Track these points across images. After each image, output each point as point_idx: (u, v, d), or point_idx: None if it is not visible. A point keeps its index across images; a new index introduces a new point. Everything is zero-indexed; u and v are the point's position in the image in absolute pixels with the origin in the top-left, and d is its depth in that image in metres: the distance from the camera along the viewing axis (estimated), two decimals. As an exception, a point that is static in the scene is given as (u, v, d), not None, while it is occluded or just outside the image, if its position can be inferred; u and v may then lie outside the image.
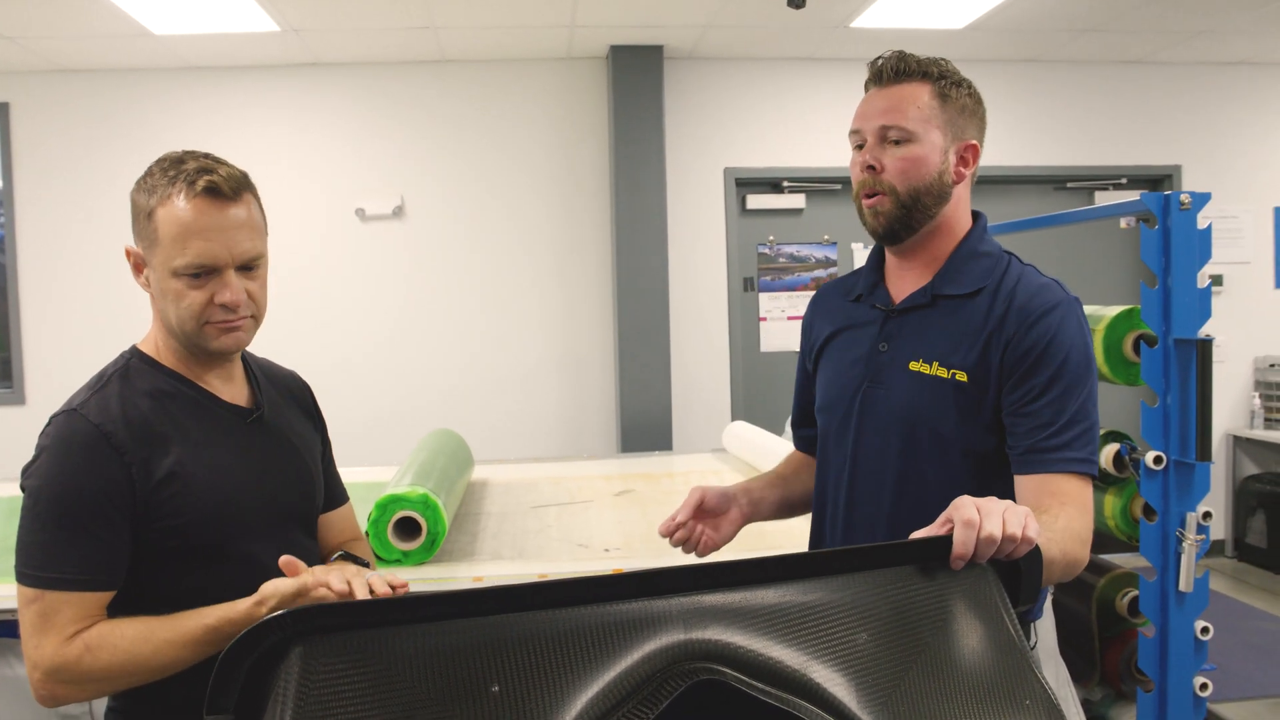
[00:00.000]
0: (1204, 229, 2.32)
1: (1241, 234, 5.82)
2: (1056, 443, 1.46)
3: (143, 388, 1.44)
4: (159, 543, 1.39)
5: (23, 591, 1.34)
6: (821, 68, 5.45)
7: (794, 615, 0.95)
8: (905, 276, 1.66)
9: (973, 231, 1.66)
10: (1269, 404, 5.71)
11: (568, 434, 5.46)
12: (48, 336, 5.18)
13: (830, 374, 1.71)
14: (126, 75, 5.17)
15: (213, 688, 0.87)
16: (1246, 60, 5.72)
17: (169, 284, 1.40)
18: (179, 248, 1.38)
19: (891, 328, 1.63)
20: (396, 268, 5.34)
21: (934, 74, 1.58)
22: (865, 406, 1.62)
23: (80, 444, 1.36)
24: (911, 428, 1.56)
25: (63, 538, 1.33)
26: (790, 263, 5.61)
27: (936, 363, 1.55)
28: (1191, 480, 2.32)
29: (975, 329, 1.55)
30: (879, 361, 1.62)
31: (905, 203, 1.57)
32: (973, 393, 1.52)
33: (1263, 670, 4.10)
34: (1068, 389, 1.48)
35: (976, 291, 1.58)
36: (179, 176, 1.39)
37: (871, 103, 1.60)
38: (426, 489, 2.53)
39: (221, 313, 1.42)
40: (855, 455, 1.63)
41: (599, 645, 0.88)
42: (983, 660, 0.99)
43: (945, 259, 1.63)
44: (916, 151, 1.56)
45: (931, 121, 1.56)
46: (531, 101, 5.38)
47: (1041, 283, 1.59)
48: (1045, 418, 1.47)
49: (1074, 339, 1.52)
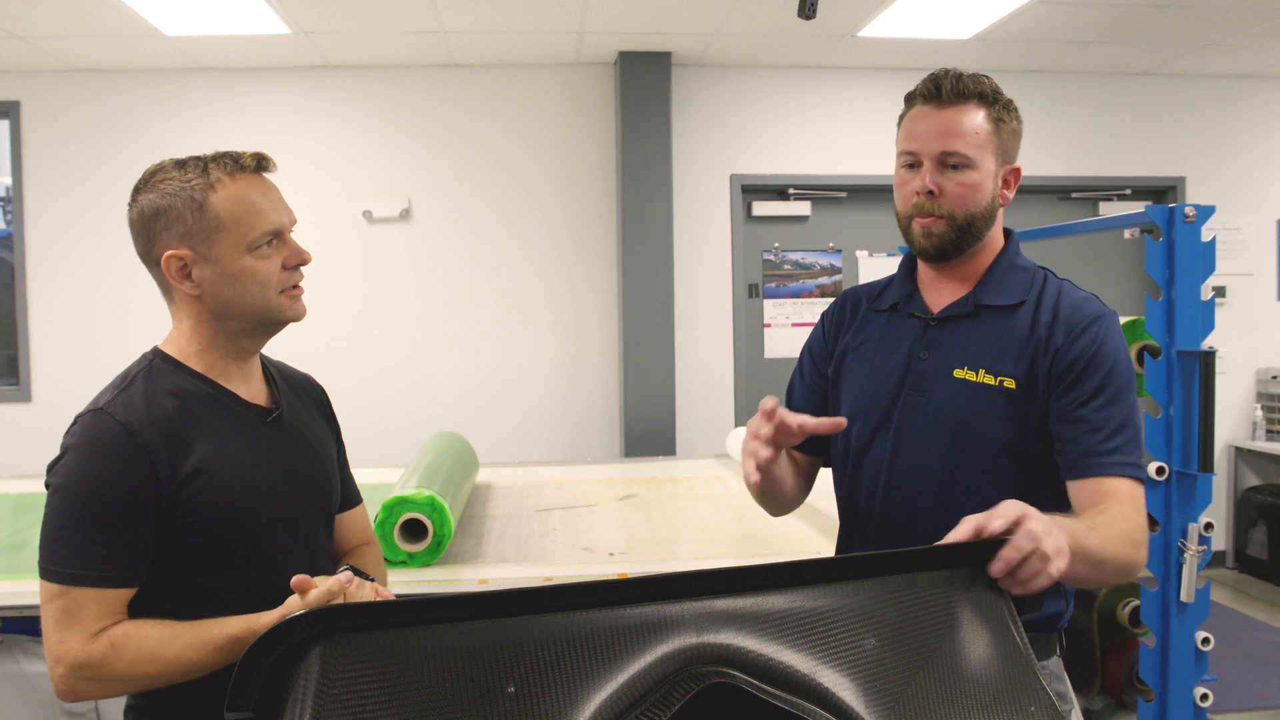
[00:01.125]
0: (1208, 241, 2.34)
1: (1245, 246, 5.84)
2: (1108, 447, 1.50)
3: (166, 387, 1.46)
4: (180, 540, 1.41)
5: (46, 588, 1.35)
6: (828, 76, 5.47)
7: (804, 620, 0.96)
8: (943, 288, 1.68)
9: (1009, 246, 1.69)
10: (1271, 415, 5.72)
11: (571, 438, 5.48)
12: (55, 334, 5.20)
13: (861, 382, 1.71)
14: (137, 75, 5.19)
15: (234, 686, 0.89)
16: (1252, 73, 5.74)
17: (241, 264, 1.45)
18: (250, 222, 1.44)
19: (933, 336, 1.65)
20: (403, 270, 5.36)
21: (989, 97, 1.61)
22: (905, 413, 1.63)
23: (107, 443, 1.37)
24: (958, 433, 1.57)
25: (88, 535, 1.35)
26: (795, 269, 5.63)
27: (983, 370, 1.58)
28: (1193, 491, 2.33)
29: (1021, 338, 1.58)
30: (919, 369, 1.63)
31: (961, 227, 1.59)
32: (1020, 399, 1.55)
33: (1263, 681, 4.11)
34: (1116, 395, 1.53)
35: (1020, 303, 1.61)
36: (216, 165, 1.45)
37: (928, 123, 1.60)
38: (433, 491, 2.55)
39: (292, 275, 1.51)
40: (894, 461, 1.63)
41: (613, 648, 0.90)
42: (989, 667, 1.01)
43: (983, 271, 1.66)
44: (974, 178, 1.58)
45: (987, 147, 1.60)
46: (539, 106, 5.40)
47: (1083, 295, 1.63)
48: (1095, 422, 1.51)
49: (1119, 349, 1.57)
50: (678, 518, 3.08)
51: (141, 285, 1.49)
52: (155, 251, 1.45)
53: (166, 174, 1.45)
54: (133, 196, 1.47)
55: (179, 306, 1.50)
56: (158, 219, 1.44)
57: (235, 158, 1.46)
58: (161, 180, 1.44)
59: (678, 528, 2.95)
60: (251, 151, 1.48)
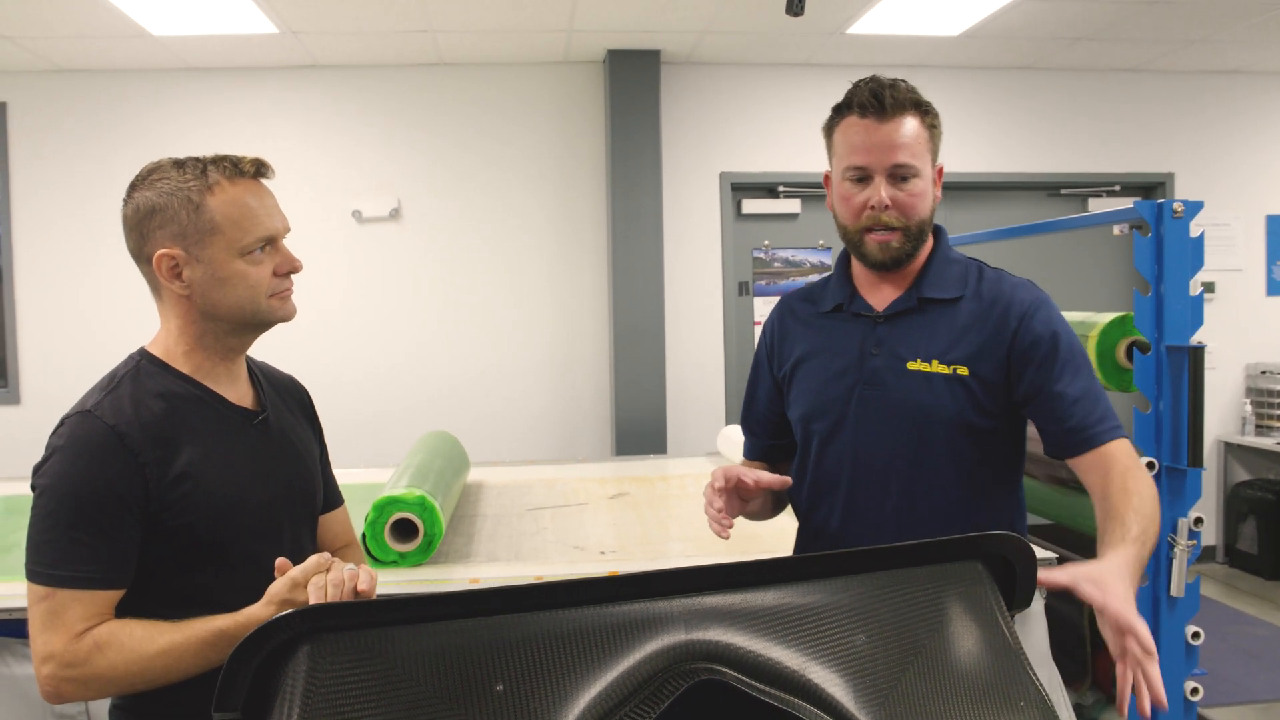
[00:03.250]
0: (1196, 237, 2.34)
1: (1234, 241, 5.86)
2: (1094, 418, 1.62)
3: (154, 389, 1.46)
4: (167, 542, 1.41)
5: (33, 589, 1.35)
6: (818, 74, 5.47)
7: (793, 617, 0.96)
8: (882, 287, 1.76)
9: (941, 242, 1.78)
10: (1260, 410, 5.74)
11: (562, 437, 5.47)
12: (43, 336, 5.17)
13: (814, 383, 1.78)
14: (125, 76, 5.17)
15: (221, 685, 0.89)
16: (1240, 69, 5.76)
17: (232, 267, 1.45)
18: (244, 228, 1.45)
19: (881, 333, 1.73)
20: (393, 270, 5.35)
21: (921, 105, 1.68)
22: (862, 408, 1.71)
23: (95, 444, 1.37)
24: (919, 421, 1.67)
25: (74, 536, 1.35)
26: (785, 267, 5.63)
27: (936, 360, 1.67)
28: (1183, 486, 2.34)
29: (968, 327, 1.68)
30: (872, 365, 1.71)
31: (915, 236, 1.68)
32: (974, 384, 1.66)
33: (1252, 675, 4.12)
34: (1079, 367, 1.65)
35: (960, 296, 1.71)
36: (215, 168, 1.45)
37: (874, 136, 1.64)
38: (424, 491, 2.54)
39: (282, 282, 1.52)
40: (856, 453, 1.72)
41: (602, 645, 0.90)
42: (978, 662, 1.01)
43: (919, 268, 1.74)
44: (921, 186, 1.66)
45: (927, 153, 1.67)
46: (528, 105, 5.39)
47: (1020, 281, 1.74)
48: (1072, 395, 1.62)
49: (1067, 327, 1.69)
50: (669, 516, 3.08)
51: (131, 286, 1.49)
52: (147, 249, 1.45)
53: (164, 173, 1.45)
54: (128, 193, 1.47)
55: (167, 306, 1.50)
56: (152, 217, 1.44)
57: (235, 162, 1.47)
58: (159, 179, 1.45)
59: (669, 526, 2.95)
60: (251, 157, 1.49)
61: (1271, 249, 5.89)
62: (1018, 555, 1.11)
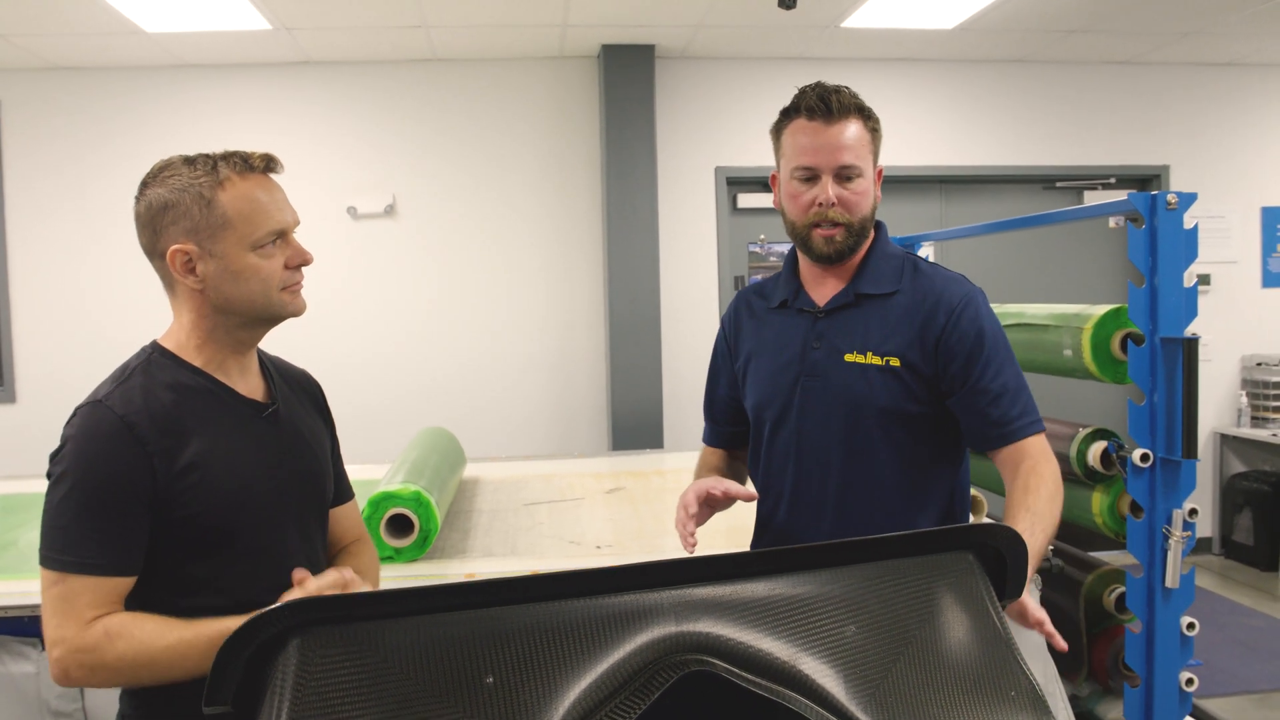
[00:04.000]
0: (1190, 229, 2.34)
1: (1229, 233, 5.86)
2: (1013, 414, 1.73)
3: (164, 380, 1.49)
4: (176, 531, 1.43)
5: (45, 575, 1.39)
6: (812, 67, 5.46)
7: (783, 608, 0.96)
8: (825, 282, 1.86)
9: (879, 238, 1.87)
10: (1255, 402, 5.74)
11: (558, 432, 5.47)
12: (39, 334, 5.17)
13: (764, 374, 1.89)
14: (118, 73, 5.16)
15: (211, 680, 0.89)
16: (1234, 61, 5.76)
17: (245, 261, 1.48)
18: (255, 222, 1.47)
19: (822, 327, 1.83)
20: (388, 266, 5.35)
21: (864, 109, 1.79)
22: (805, 398, 1.82)
23: (105, 434, 1.40)
24: (855, 410, 1.77)
25: (84, 523, 1.38)
26: (780, 261, 5.62)
27: (870, 352, 1.78)
28: (1178, 478, 2.34)
29: (901, 321, 1.78)
30: (813, 358, 1.82)
31: (857, 231, 1.78)
32: (905, 374, 1.76)
33: (1248, 666, 4.13)
34: (1003, 363, 1.75)
35: (895, 291, 1.81)
36: (225, 163, 1.48)
37: (820, 137, 1.75)
38: (419, 486, 2.54)
39: (293, 275, 1.54)
40: (800, 440, 1.83)
41: (592, 637, 0.90)
42: (969, 652, 1.01)
43: (858, 264, 1.84)
44: (864, 185, 1.77)
45: (869, 154, 1.78)
46: (523, 101, 5.38)
47: (952, 275, 1.84)
48: (994, 391, 1.73)
49: (995, 322, 1.79)
50: (665, 510, 3.08)
51: (126, 282, 1.51)
52: (160, 245, 1.47)
53: (175, 170, 1.47)
54: (140, 190, 1.49)
55: (180, 300, 1.53)
56: (165, 213, 1.46)
57: (245, 157, 1.49)
58: (170, 175, 1.47)
59: (665, 520, 2.95)
60: (260, 152, 1.52)
61: (1266, 241, 5.90)
62: (1009, 546, 1.11)
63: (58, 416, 1.47)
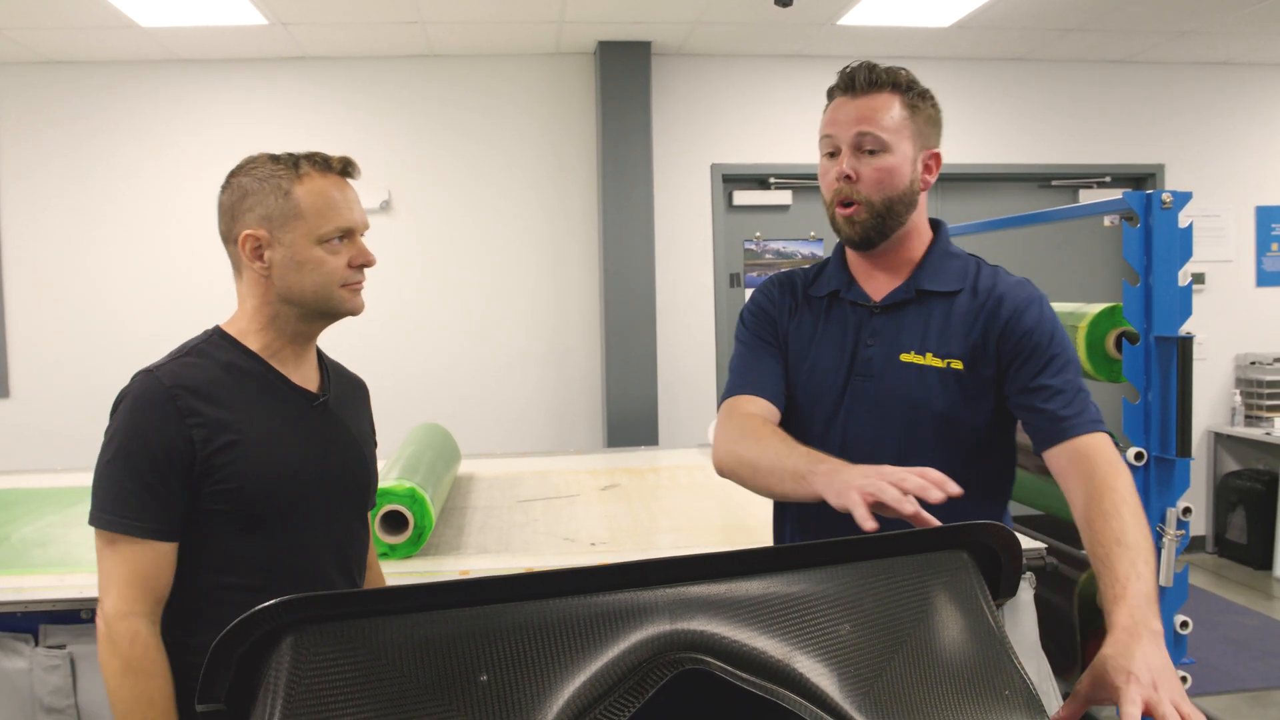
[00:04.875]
0: (1185, 228, 2.35)
1: (1223, 232, 5.87)
2: (1074, 409, 1.59)
3: (220, 359, 1.57)
4: (211, 505, 1.50)
5: (96, 535, 1.48)
6: (809, 65, 5.47)
7: (778, 606, 0.96)
8: (877, 276, 1.74)
9: (941, 235, 1.76)
10: (1250, 401, 5.76)
11: (554, 428, 5.47)
12: (33, 330, 5.14)
13: (808, 370, 1.73)
14: (113, 67, 5.14)
15: (204, 678, 0.88)
16: (1230, 61, 5.76)
17: (310, 253, 1.55)
18: (325, 217, 1.55)
19: (877, 323, 1.70)
20: (383, 262, 5.25)
21: (903, 85, 1.66)
22: (854, 399, 1.68)
23: (149, 402, 1.48)
24: (911, 414, 1.64)
25: (125, 485, 1.46)
26: (776, 259, 5.63)
27: (930, 353, 1.65)
28: (1172, 476, 2.35)
29: (964, 321, 1.66)
30: (866, 356, 1.69)
31: (880, 212, 1.65)
32: (967, 378, 1.64)
33: (1241, 664, 4.14)
34: (1067, 363, 1.63)
35: (958, 290, 1.68)
36: (307, 161, 1.57)
37: (843, 110, 1.66)
38: (414, 483, 2.54)
39: (355, 274, 1.60)
40: (845, 444, 1.66)
41: (586, 635, 0.89)
42: (963, 651, 1.01)
43: (919, 259, 1.72)
44: (890, 162, 1.63)
45: (903, 132, 1.64)
46: (519, 97, 5.37)
47: (1017, 280, 1.72)
48: (1057, 386, 1.60)
49: (1059, 324, 1.67)
50: (660, 507, 3.08)
51: (122, 277, 1.54)
52: (236, 230, 1.56)
53: (261, 163, 1.57)
54: (227, 179, 1.59)
55: (246, 286, 1.60)
56: (245, 199, 1.55)
57: (325, 158, 1.59)
58: (255, 167, 1.56)
59: (659, 517, 2.95)
60: (340, 156, 1.61)
61: (1261, 240, 5.91)
62: (1003, 545, 1.11)
63: (52, 411, 1.50)
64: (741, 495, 3.11)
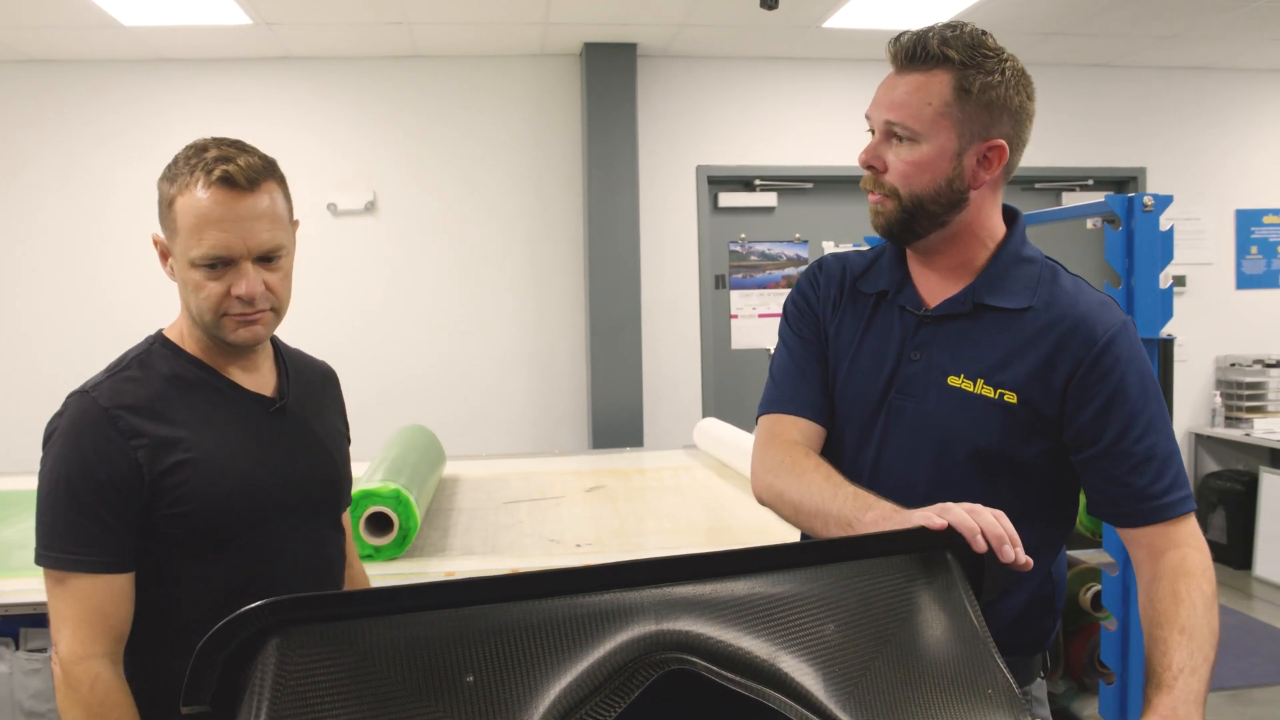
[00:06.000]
0: (1166, 231, 2.36)
1: (1204, 235, 5.92)
2: (1161, 487, 1.37)
3: (162, 372, 1.44)
4: (170, 529, 1.39)
5: (44, 574, 1.36)
6: (794, 67, 5.48)
7: (763, 607, 0.97)
8: (931, 278, 1.50)
9: (1013, 235, 1.51)
10: (1230, 402, 5.80)
11: (539, 430, 5.47)
12: (10, 331, 5.10)
13: (845, 381, 1.52)
14: (95, 66, 5.10)
15: (189, 679, 0.88)
16: (1210, 66, 5.81)
17: (188, 274, 1.40)
18: (195, 238, 1.37)
19: (925, 336, 1.46)
20: (368, 263, 5.32)
21: (957, 60, 1.41)
22: (891, 418, 1.46)
23: (87, 426, 1.37)
24: (946, 444, 1.42)
25: (69, 519, 1.35)
26: (762, 261, 5.64)
27: (981, 380, 1.41)
28: (1153, 477, 2.35)
29: (1028, 347, 1.41)
30: (908, 372, 1.46)
31: (907, 207, 1.41)
32: (1021, 414, 1.39)
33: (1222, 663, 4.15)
34: (1152, 420, 1.38)
35: (1026, 308, 1.43)
36: (198, 165, 1.39)
37: (885, 88, 1.44)
38: (398, 485, 2.54)
39: (239, 305, 1.40)
40: (877, 469, 1.47)
41: (572, 636, 0.90)
42: (946, 651, 1.01)
43: (982, 264, 1.48)
44: (921, 154, 1.39)
45: (944, 120, 1.39)
46: (505, 98, 5.37)
47: (1099, 299, 1.46)
48: (1139, 455, 1.37)
49: (1145, 363, 1.41)
50: (645, 509, 3.09)
51: (104, 277, 1.49)
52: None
53: (175, 160, 1.43)
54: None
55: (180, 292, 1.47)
56: (158, 198, 1.44)
57: (210, 167, 1.38)
58: (173, 162, 1.43)
59: (645, 519, 2.96)
60: (235, 165, 1.40)
61: (1241, 243, 5.96)
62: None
63: (34, 413, 1.45)
64: (726, 496, 3.12)
